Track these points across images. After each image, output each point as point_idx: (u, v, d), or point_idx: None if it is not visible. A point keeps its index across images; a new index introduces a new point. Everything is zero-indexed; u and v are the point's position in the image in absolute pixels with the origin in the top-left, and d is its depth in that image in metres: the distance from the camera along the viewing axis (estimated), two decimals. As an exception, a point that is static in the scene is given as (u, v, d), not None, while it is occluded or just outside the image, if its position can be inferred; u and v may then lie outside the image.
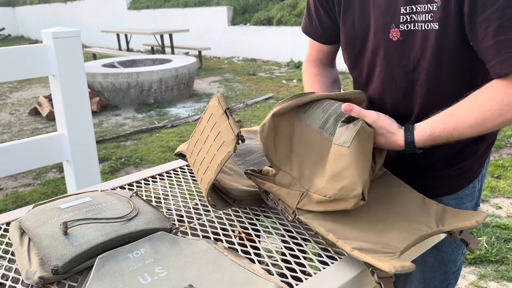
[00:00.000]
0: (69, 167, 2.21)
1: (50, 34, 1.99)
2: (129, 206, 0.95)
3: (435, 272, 1.15)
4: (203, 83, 7.68)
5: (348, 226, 0.86)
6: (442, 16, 0.89)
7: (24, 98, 7.40)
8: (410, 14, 0.93)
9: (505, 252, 2.39)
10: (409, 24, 0.94)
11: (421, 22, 0.92)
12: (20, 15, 20.27)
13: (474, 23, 0.86)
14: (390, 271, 0.71)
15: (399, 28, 0.96)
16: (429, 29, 0.92)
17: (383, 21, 0.98)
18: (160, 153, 4.25)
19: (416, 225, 0.87)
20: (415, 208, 0.93)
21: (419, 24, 0.93)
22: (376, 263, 0.73)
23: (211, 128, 0.97)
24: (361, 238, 0.82)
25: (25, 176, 3.92)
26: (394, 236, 0.83)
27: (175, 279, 0.74)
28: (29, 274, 0.77)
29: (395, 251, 0.79)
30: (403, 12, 0.94)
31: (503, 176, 3.34)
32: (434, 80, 0.97)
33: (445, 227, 0.87)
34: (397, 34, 0.97)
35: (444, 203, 1.09)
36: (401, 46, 0.97)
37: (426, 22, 0.92)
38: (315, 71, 1.24)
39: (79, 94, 2.13)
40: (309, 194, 0.88)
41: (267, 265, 0.82)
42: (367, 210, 0.91)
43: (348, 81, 6.88)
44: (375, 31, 1.00)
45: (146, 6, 13.13)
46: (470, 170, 1.08)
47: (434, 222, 0.88)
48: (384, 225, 0.87)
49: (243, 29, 10.31)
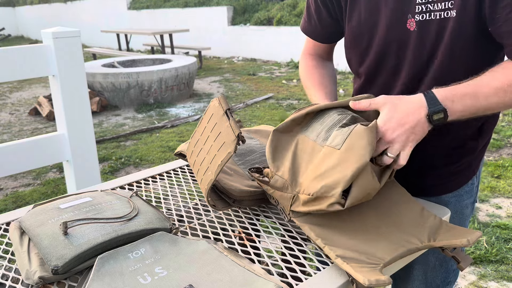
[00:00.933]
0: (69, 167, 2.21)
1: (50, 34, 1.99)
2: (129, 206, 0.95)
3: (436, 271, 1.15)
4: (203, 83, 7.68)
5: (338, 232, 0.85)
6: (461, 3, 0.89)
7: (24, 98, 7.40)
8: (426, 4, 0.93)
9: (505, 252, 2.39)
10: (424, 14, 0.94)
11: (438, 10, 0.92)
12: (20, 15, 20.27)
13: (496, 8, 0.86)
14: (364, 283, 0.71)
15: (415, 18, 0.95)
16: (448, 17, 0.91)
17: (399, 12, 0.97)
18: (160, 153, 4.25)
19: (407, 237, 0.86)
20: (411, 219, 0.92)
21: (435, 13, 0.93)
22: (353, 274, 0.73)
23: (211, 128, 0.97)
24: (348, 245, 0.82)
25: (25, 176, 3.92)
26: (382, 247, 0.83)
27: (175, 279, 0.74)
28: (29, 274, 0.77)
29: (378, 263, 0.78)
30: (418, 1, 0.94)
31: (503, 176, 3.34)
32: (448, 69, 0.96)
33: (436, 242, 0.85)
34: (413, 25, 0.96)
35: (445, 201, 1.09)
36: (416, 36, 0.97)
37: (444, 10, 0.91)
38: (312, 63, 1.24)
39: (79, 94, 2.13)
40: (298, 196, 0.87)
41: (267, 265, 0.82)
42: (362, 217, 0.91)
43: (348, 81, 6.88)
44: (389, 24, 1.00)
45: (146, 6, 13.13)
46: (469, 167, 1.09)
47: (426, 236, 0.86)
48: (375, 234, 0.86)
49: (243, 29, 10.31)
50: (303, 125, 0.96)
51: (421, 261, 1.13)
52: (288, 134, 0.95)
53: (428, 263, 1.13)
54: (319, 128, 0.92)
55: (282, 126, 0.95)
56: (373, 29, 1.03)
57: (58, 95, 2.10)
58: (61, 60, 2.04)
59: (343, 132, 0.85)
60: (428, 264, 1.14)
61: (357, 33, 1.07)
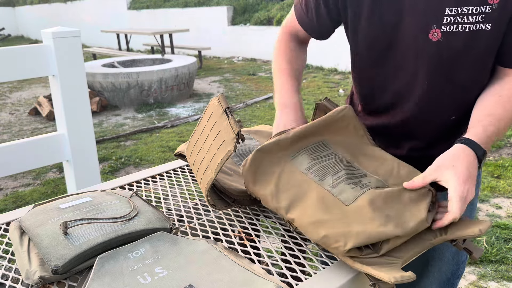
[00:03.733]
0: (69, 167, 2.21)
1: (50, 34, 1.99)
2: (129, 206, 0.95)
3: (449, 265, 1.16)
4: (203, 83, 7.68)
5: None
6: (497, 17, 0.90)
7: (24, 98, 7.40)
8: (455, 16, 0.93)
9: (505, 252, 2.39)
10: (452, 25, 0.94)
11: (469, 24, 0.92)
12: (20, 15, 20.26)
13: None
14: (390, 281, 0.70)
15: (441, 29, 0.95)
16: (478, 29, 0.92)
17: (422, 21, 0.96)
18: (160, 153, 4.25)
19: (420, 234, 0.86)
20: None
21: (465, 26, 0.93)
22: (376, 274, 0.73)
23: (211, 127, 0.97)
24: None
25: (25, 176, 3.92)
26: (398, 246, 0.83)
27: (175, 279, 0.74)
28: (29, 274, 0.77)
29: (396, 262, 0.78)
30: (448, 13, 0.93)
31: (503, 176, 3.34)
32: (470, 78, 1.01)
33: (448, 235, 0.86)
34: (438, 35, 0.95)
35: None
36: (440, 47, 0.96)
37: (475, 23, 0.92)
38: (292, 45, 1.18)
39: (79, 94, 2.13)
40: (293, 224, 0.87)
41: (267, 265, 0.82)
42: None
43: (348, 81, 6.88)
44: (411, 31, 0.98)
45: (146, 6, 13.13)
46: None
47: (437, 230, 0.87)
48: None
49: (243, 29, 10.31)
50: (290, 151, 0.94)
51: (437, 257, 1.14)
52: (272, 156, 0.92)
53: (443, 258, 1.15)
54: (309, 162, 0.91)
55: (266, 148, 0.92)
56: (395, 31, 1.00)
57: (58, 95, 2.10)
58: (61, 60, 2.04)
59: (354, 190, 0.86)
60: (443, 259, 1.15)
61: (376, 33, 1.03)
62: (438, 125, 1.09)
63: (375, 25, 1.01)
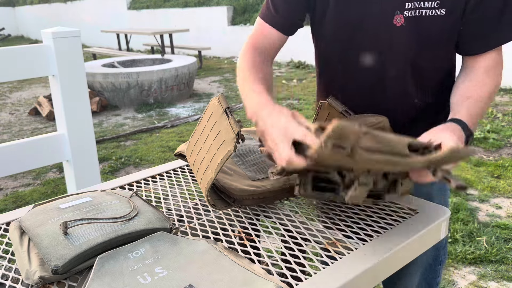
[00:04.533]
0: (69, 167, 2.21)
1: (50, 34, 1.99)
2: (129, 206, 0.95)
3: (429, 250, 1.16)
4: (203, 83, 7.68)
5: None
6: (451, 3, 0.96)
7: (24, 98, 7.40)
8: (415, 2, 0.98)
9: (505, 252, 2.39)
10: (413, 10, 0.99)
11: (426, 9, 0.98)
12: (20, 15, 20.27)
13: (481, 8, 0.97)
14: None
15: (403, 14, 0.99)
16: (434, 15, 0.98)
17: (387, 7, 1.00)
18: (160, 153, 4.25)
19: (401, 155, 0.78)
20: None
21: (423, 11, 0.98)
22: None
23: (211, 127, 0.97)
24: None
25: (25, 176, 3.92)
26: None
27: (175, 279, 0.74)
28: (29, 274, 0.77)
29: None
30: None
31: (503, 176, 3.34)
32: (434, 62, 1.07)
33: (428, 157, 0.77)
34: (401, 20, 1.00)
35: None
36: (404, 32, 1.01)
37: (431, 9, 0.97)
38: (260, 59, 1.11)
39: (79, 94, 2.13)
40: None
41: (267, 265, 0.82)
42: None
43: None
44: (377, 17, 1.02)
45: (146, 6, 13.13)
46: None
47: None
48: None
49: (243, 29, 10.31)
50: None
51: None
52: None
53: None
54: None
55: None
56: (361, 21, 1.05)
57: (58, 95, 2.10)
58: (61, 60, 2.04)
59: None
60: None
61: (343, 22, 1.07)
62: (405, 110, 1.13)
63: (342, 14, 1.06)
